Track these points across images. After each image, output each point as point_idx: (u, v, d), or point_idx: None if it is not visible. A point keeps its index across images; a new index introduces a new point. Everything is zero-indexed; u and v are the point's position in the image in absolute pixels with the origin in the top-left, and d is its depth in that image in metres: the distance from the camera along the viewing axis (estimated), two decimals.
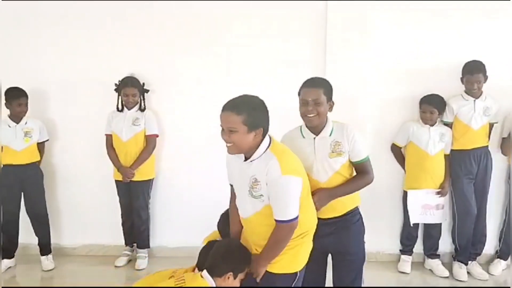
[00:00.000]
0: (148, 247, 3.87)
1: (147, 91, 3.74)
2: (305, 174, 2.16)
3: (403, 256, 3.81)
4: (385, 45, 3.73)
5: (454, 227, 3.74)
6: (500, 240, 3.80)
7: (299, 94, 2.37)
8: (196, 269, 2.28)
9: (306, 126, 2.37)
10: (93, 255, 3.95)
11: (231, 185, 2.33)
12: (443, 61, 3.69)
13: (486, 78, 3.53)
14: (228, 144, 2.09)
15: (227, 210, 2.47)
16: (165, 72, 3.80)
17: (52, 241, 3.81)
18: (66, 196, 3.96)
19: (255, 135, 2.06)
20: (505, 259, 3.75)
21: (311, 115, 2.28)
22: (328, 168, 2.32)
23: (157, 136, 3.74)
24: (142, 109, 3.70)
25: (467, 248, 3.71)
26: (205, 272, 2.19)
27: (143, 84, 3.71)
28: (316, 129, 2.35)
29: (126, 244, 3.87)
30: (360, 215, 2.50)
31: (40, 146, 3.76)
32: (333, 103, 2.35)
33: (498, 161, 3.72)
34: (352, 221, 2.43)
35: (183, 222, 3.89)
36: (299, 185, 2.05)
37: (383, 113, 3.78)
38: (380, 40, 3.72)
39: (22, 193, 3.66)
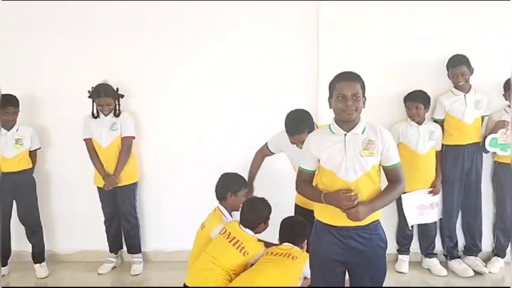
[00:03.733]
0: (140, 251, 3.83)
1: (122, 96, 3.71)
2: None
3: (400, 256, 3.78)
4: (377, 44, 3.73)
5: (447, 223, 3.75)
6: (494, 238, 3.78)
7: (332, 88, 2.22)
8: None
9: (336, 123, 2.23)
10: (88, 261, 3.91)
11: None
12: (435, 59, 3.69)
13: (471, 70, 3.55)
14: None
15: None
16: (144, 76, 3.80)
17: (46, 247, 3.79)
18: (60, 202, 3.95)
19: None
20: (502, 257, 3.72)
21: (351, 111, 2.15)
22: (358, 168, 2.16)
23: (133, 138, 3.71)
24: (117, 115, 3.67)
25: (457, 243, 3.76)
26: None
27: (117, 89, 3.68)
28: (347, 126, 2.20)
29: (111, 251, 3.83)
30: (382, 229, 2.31)
31: (32, 154, 3.74)
32: (365, 99, 2.23)
33: (487, 157, 3.72)
34: (374, 232, 2.25)
35: (169, 225, 3.90)
36: None
37: (375, 112, 3.71)
38: (372, 39, 3.73)
39: (15, 201, 3.65)
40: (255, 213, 2.90)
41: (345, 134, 2.21)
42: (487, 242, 3.81)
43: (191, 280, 2.81)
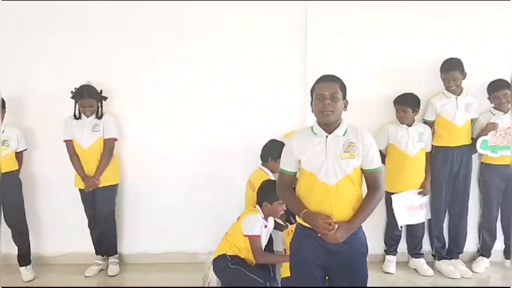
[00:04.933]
0: (116, 253, 3.82)
1: (105, 98, 3.67)
2: None
3: (387, 256, 3.81)
4: (366, 46, 3.73)
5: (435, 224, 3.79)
6: (480, 238, 3.84)
7: (312, 91, 2.25)
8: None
9: (319, 124, 2.24)
10: (75, 263, 3.87)
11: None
12: (424, 60, 3.71)
13: (464, 74, 3.57)
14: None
15: None
16: (127, 77, 3.76)
17: (32, 250, 3.74)
18: (47, 204, 3.90)
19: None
20: (488, 257, 3.79)
21: (328, 111, 2.15)
22: (338, 170, 2.16)
23: (115, 139, 3.68)
24: (99, 117, 3.62)
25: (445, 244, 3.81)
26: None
27: (101, 91, 3.64)
28: (329, 127, 2.21)
29: (97, 253, 3.81)
30: (363, 233, 2.31)
31: (19, 155, 3.67)
32: (347, 102, 2.25)
33: (474, 159, 3.76)
34: (355, 237, 2.23)
35: (150, 227, 3.89)
36: None
37: (365, 114, 3.75)
38: (361, 40, 3.73)
39: (0, 203, 3.58)
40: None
41: (326, 136, 2.21)
42: (472, 242, 3.86)
43: None
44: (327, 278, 2.32)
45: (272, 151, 3.42)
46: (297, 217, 2.32)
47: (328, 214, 2.16)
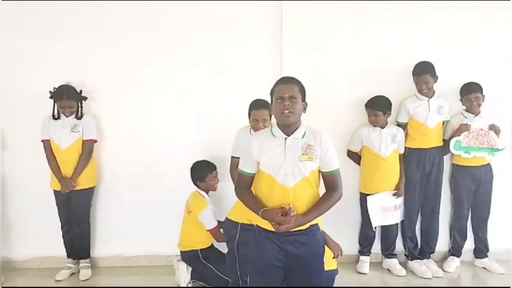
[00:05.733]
0: (89, 256, 3.75)
1: (85, 98, 3.60)
2: None
3: (361, 257, 3.85)
4: (341, 48, 3.76)
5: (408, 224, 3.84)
6: (451, 238, 3.91)
7: (272, 93, 2.26)
8: None
9: (278, 126, 2.25)
10: (46, 267, 3.78)
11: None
12: (398, 63, 3.76)
13: (436, 78, 3.63)
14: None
15: None
16: (106, 77, 3.70)
17: (1, 254, 3.63)
18: (16, 207, 3.78)
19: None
20: (458, 256, 3.86)
21: (288, 112, 2.16)
22: (297, 173, 2.19)
23: (95, 141, 3.62)
24: (79, 117, 3.56)
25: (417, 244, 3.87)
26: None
27: (81, 91, 3.58)
28: (288, 130, 2.22)
29: (68, 256, 3.73)
30: (320, 233, 2.35)
31: None
32: (306, 104, 2.26)
33: (446, 160, 3.83)
34: (312, 237, 2.28)
35: (123, 230, 3.83)
36: None
37: (339, 115, 3.81)
38: (336, 43, 3.75)
39: None
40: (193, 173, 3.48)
41: (285, 138, 2.22)
42: (444, 242, 3.93)
43: None
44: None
45: (196, 174, 3.47)
46: (255, 219, 2.33)
47: (286, 212, 2.17)
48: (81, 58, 3.66)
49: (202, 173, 3.45)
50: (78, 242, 3.68)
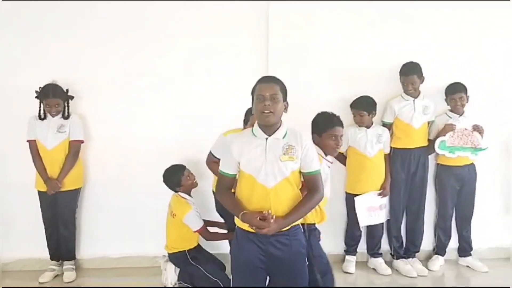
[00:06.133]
0: (74, 258, 3.71)
1: (71, 97, 3.56)
2: None
3: (347, 257, 3.87)
4: (326, 49, 3.77)
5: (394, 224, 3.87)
6: (435, 237, 3.95)
7: (253, 92, 2.25)
8: None
9: (259, 127, 2.24)
10: (29, 270, 3.73)
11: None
12: (384, 63, 3.78)
13: (422, 78, 3.67)
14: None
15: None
16: (93, 77, 3.66)
17: None
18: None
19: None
20: (442, 255, 3.91)
21: (268, 112, 2.15)
22: (277, 173, 2.18)
23: (82, 142, 3.58)
24: (65, 117, 3.52)
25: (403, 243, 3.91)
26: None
27: (67, 90, 3.54)
28: (269, 130, 2.22)
29: (52, 258, 3.67)
30: (301, 233, 2.35)
31: None
32: (287, 104, 2.25)
33: (431, 160, 3.87)
34: (294, 238, 2.28)
35: (108, 231, 3.80)
36: None
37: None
38: (321, 43, 3.76)
39: None
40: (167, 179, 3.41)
41: (266, 138, 2.21)
42: (428, 241, 3.97)
43: None
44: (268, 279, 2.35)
45: (170, 182, 3.42)
46: (236, 220, 2.32)
47: (265, 217, 2.17)
48: (68, 57, 3.62)
49: (175, 178, 3.39)
50: (63, 243, 3.64)
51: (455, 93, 3.70)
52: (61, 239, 3.63)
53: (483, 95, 3.85)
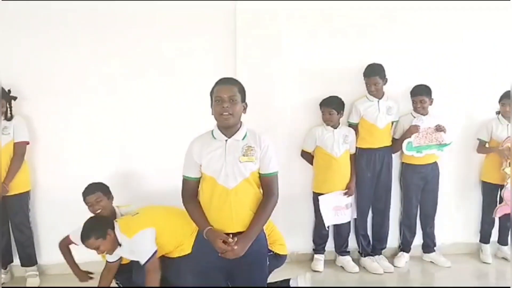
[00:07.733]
0: (36, 263, 3.60)
1: (14, 98, 3.45)
2: None
3: (316, 255, 3.90)
4: (294, 50, 3.78)
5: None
6: (401, 234, 4.04)
7: (211, 94, 2.24)
8: None
9: (218, 128, 2.25)
10: None
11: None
12: (350, 64, 3.82)
13: (385, 80, 3.73)
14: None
15: None
16: (39, 77, 3.54)
17: None
18: None
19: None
20: (408, 252, 4.00)
21: (227, 113, 2.15)
22: (237, 173, 2.19)
23: (27, 143, 3.48)
24: (8, 118, 3.40)
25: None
26: None
27: (9, 91, 3.42)
28: (229, 131, 2.23)
29: (3, 264, 3.53)
30: (263, 234, 2.33)
31: None
32: (246, 105, 2.26)
33: (396, 159, 3.96)
34: (256, 239, 2.25)
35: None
36: None
37: (293, 117, 3.84)
38: (289, 44, 3.76)
39: None
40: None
41: (226, 140, 2.22)
42: (394, 238, 4.06)
43: None
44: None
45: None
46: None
47: (229, 218, 2.19)
48: (11, 57, 3.47)
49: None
50: (21, 249, 3.52)
51: (417, 95, 3.79)
52: (18, 245, 3.51)
53: (446, 94, 3.94)
